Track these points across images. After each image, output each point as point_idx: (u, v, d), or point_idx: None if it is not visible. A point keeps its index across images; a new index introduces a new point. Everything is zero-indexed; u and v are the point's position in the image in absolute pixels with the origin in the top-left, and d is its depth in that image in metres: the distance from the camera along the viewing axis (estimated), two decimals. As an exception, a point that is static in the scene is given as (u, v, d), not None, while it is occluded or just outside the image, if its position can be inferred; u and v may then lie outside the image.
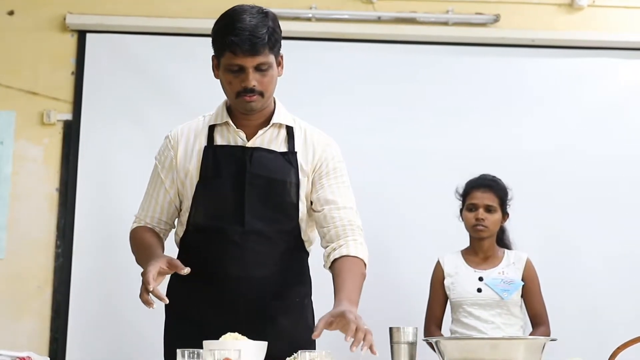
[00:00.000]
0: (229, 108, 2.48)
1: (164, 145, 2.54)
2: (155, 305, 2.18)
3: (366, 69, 4.27)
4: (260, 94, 2.36)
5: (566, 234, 4.14)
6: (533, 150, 4.22)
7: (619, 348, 1.84)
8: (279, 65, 2.41)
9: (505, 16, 4.35)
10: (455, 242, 3.61)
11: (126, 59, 4.22)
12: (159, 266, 2.22)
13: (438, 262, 3.58)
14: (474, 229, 3.50)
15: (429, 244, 3.95)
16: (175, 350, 1.88)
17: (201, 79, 2.90)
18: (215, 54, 2.39)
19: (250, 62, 2.31)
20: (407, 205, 4.13)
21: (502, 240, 3.60)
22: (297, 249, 2.50)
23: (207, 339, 1.96)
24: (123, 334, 3.96)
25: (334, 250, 2.37)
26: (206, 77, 2.52)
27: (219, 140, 2.46)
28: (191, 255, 2.47)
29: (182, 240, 2.52)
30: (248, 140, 2.44)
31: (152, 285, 2.15)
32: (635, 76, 4.35)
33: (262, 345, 2.02)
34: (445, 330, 3.55)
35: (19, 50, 4.25)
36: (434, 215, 4.03)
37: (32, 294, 4.07)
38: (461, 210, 3.58)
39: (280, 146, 2.46)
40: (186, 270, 2.23)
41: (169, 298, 2.49)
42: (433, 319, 3.55)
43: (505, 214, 3.55)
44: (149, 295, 2.17)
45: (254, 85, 2.33)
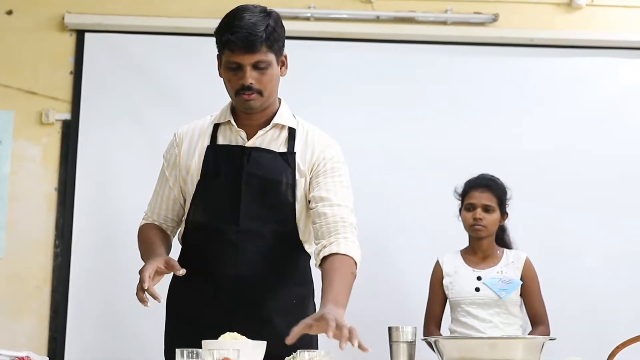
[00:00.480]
0: (234, 108, 2.48)
1: (170, 143, 2.56)
2: (150, 304, 2.18)
3: (365, 68, 4.27)
4: (259, 93, 2.36)
5: (566, 234, 4.14)
6: (532, 149, 4.22)
7: (618, 347, 1.84)
8: (283, 66, 2.41)
9: (504, 16, 4.35)
10: (455, 242, 3.61)
11: (125, 59, 4.22)
12: (157, 265, 2.23)
13: (437, 262, 3.58)
14: (471, 229, 3.50)
15: (428, 244, 3.94)
16: (174, 349, 1.88)
17: (201, 78, 2.90)
18: (218, 52, 2.40)
19: (247, 60, 2.31)
20: (407, 205, 4.13)
21: (503, 240, 3.60)
22: (295, 250, 2.48)
23: (205, 339, 1.96)
24: (122, 333, 3.96)
25: (324, 247, 2.31)
26: (206, 77, 2.52)
27: (221, 140, 2.47)
28: (190, 253, 2.49)
29: (183, 239, 2.54)
30: (248, 140, 2.45)
31: (147, 284, 2.16)
32: (635, 75, 4.35)
33: (261, 345, 2.02)
34: (444, 329, 3.55)
35: (18, 50, 4.24)
36: (434, 215, 4.03)
37: (31, 293, 4.06)
38: (460, 209, 3.58)
39: (280, 147, 2.45)
40: (182, 271, 2.23)
41: (170, 297, 2.51)
42: (432, 319, 3.55)
43: (504, 214, 3.55)
44: (144, 294, 2.18)
45: (251, 83, 2.33)
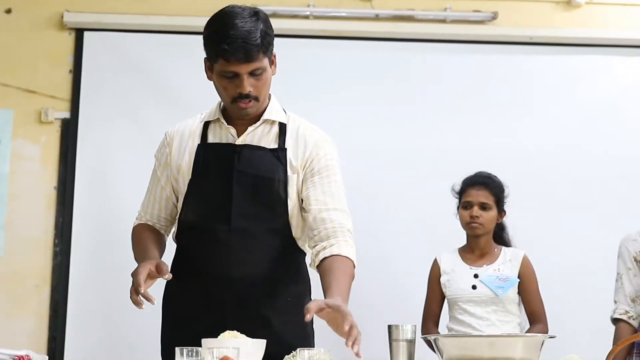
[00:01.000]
0: (224, 106, 2.47)
1: (161, 142, 2.55)
2: (144, 306, 2.19)
3: (364, 66, 4.27)
4: (256, 99, 2.35)
5: (564, 232, 4.14)
6: (531, 147, 4.22)
7: (617, 346, 1.84)
8: (273, 64, 2.38)
9: (503, 14, 4.35)
10: (453, 240, 3.60)
11: (124, 57, 4.22)
12: (149, 268, 2.23)
13: (435, 260, 3.57)
14: (468, 227, 3.50)
15: (427, 242, 3.94)
16: (171, 349, 1.88)
17: (200, 77, 2.88)
18: (208, 58, 2.37)
19: (244, 69, 2.29)
20: (406, 203, 4.13)
21: (501, 238, 3.60)
22: (289, 247, 2.46)
23: (200, 338, 1.96)
24: (121, 332, 3.96)
25: (324, 248, 2.32)
26: (204, 76, 2.51)
27: (211, 138, 2.45)
28: (183, 253, 2.48)
29: (177, 238, 2.53)
30: (239, 137, 2.43)
31: (143, 288, 2.17)
32: (634, 73, 4.35)
33: (261, 344, 2.01)
34: (442, 327, 3.54)
35: (17, 49, 4.24)
36: (432, 213, 4.03)
37: (30, 292, 4.06)
38: (458, 207, 3.58)
39: (271, 143, 2.43)
40: (167, 275, 2.23)
41: (166, 297, 2.51)
42: (430, 317, 3.55)
43: (501, 212, 3.54)
44: (138, 297, 2.18)
45: (249, 91, 2.32)
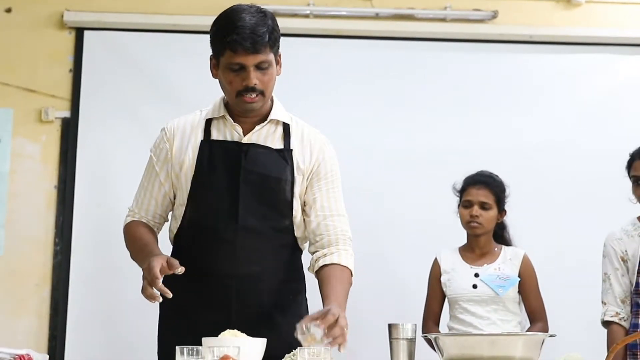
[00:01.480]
0: (227, 103, 2.47)
1: (159, 138, 2.53)
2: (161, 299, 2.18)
3: (364, 65, 4.27)
4: (261, 93, 2.36)
5: (565, 230, 4.14)
6: (531, 145, 4.23)
7: (617, 344, 1.84)
8: (278, 64, 2.41)
9: (503, 12, 4.35)
10: (454, 239, 3.61)
11: (124, 56, 4.22)
12: (161, 263, 2.20)
13: (435, 259, 3.57)
14: (468, 226, 3.50)
15: (427, 241, 3.94)
16: (169, 348, 1.88)
17: (200, 76, 2.89)
18: (214, 53, 2.38)
19: (251, 60, 2.31)
20: (406, 202, 4.13)
21: (502, 237, 3.59)
22: (291, 246, 2.49)
23: (200, 337, 1.96)
24: (121, 331, 3.96)
25: (325, 255, 2.40)
26: (205, 74, 2.51)
27: (215, 135, 2.46)
28: (185, 251, 2.46)
29: (177, 236, 2.51)
30: (244, 135, 2.44)
31: (160, 281, 2.15)
32: (633, 72, 4.35)
33: (261, 342, 2.02)
34: (443, 326, 3.55)
35: (17, 48, 4.24)
36: (433, 212, 4.03)
37: (31, 291, 4.06)
38: (458, 206, 3.58)
39: (276, 143, 2.45)
40: (180, 269, 2.22)
41: (164, 296, 2.49)
42: (431, 316, 3.55)
43: (502, 211, 3.54)
44: (154, 290, 2.16)
45: (255, 84, 2.33)
